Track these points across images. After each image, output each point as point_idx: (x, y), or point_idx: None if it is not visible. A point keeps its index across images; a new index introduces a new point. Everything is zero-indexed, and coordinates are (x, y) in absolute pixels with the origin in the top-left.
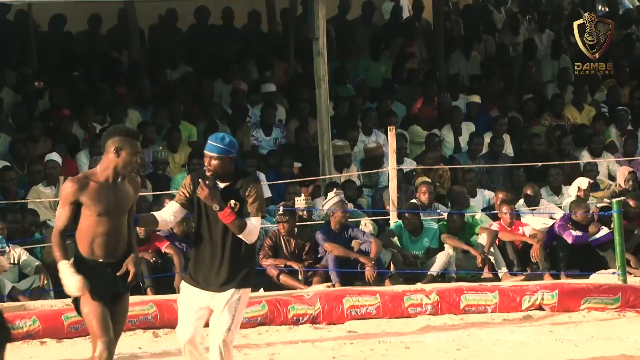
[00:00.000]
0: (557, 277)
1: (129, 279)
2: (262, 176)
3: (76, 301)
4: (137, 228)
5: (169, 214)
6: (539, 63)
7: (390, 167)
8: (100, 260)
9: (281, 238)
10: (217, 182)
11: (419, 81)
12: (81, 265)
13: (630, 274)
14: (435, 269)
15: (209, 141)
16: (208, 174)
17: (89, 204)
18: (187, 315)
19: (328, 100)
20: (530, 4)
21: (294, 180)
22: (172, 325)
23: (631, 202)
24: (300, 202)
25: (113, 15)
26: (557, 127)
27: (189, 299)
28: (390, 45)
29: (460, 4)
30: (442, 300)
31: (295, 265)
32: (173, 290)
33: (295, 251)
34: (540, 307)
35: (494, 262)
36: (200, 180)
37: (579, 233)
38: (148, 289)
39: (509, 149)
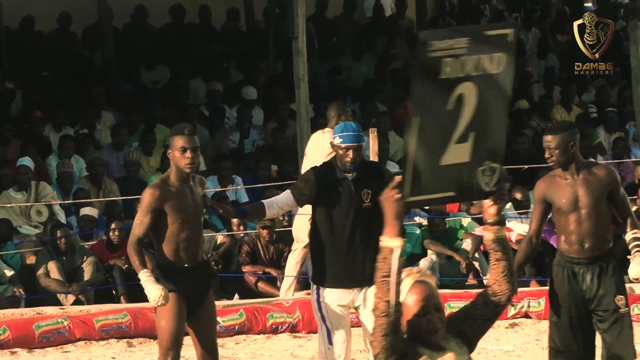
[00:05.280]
0: (543, 283)
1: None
2: (238, 179)
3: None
4: None
5: (282, 203)
6: (525, 63)
7: None
8: (186, 265)
9: (259, 244)
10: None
11: (403, 82)
12: (167, 272)
13: None
14: None
15: (348, 132)
16: (351, 166)
17: (171, 211)
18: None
19: (308, 101)
20: (517, 0)
21: (271, 183)
22: (146, 334)
23: None
24: None
25: (87, 13)
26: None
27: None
28: (373, 44)
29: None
30: None
31: (274, 272)
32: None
33: (274, 257)
34: (526, 315)
35: (479, 268)
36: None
37: None
38: (122, 297)
39: None
